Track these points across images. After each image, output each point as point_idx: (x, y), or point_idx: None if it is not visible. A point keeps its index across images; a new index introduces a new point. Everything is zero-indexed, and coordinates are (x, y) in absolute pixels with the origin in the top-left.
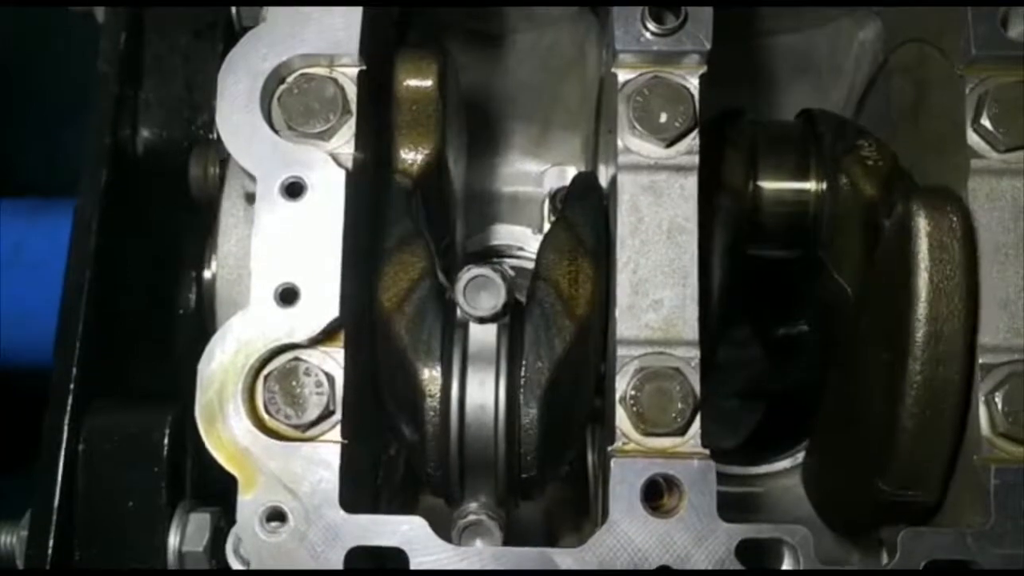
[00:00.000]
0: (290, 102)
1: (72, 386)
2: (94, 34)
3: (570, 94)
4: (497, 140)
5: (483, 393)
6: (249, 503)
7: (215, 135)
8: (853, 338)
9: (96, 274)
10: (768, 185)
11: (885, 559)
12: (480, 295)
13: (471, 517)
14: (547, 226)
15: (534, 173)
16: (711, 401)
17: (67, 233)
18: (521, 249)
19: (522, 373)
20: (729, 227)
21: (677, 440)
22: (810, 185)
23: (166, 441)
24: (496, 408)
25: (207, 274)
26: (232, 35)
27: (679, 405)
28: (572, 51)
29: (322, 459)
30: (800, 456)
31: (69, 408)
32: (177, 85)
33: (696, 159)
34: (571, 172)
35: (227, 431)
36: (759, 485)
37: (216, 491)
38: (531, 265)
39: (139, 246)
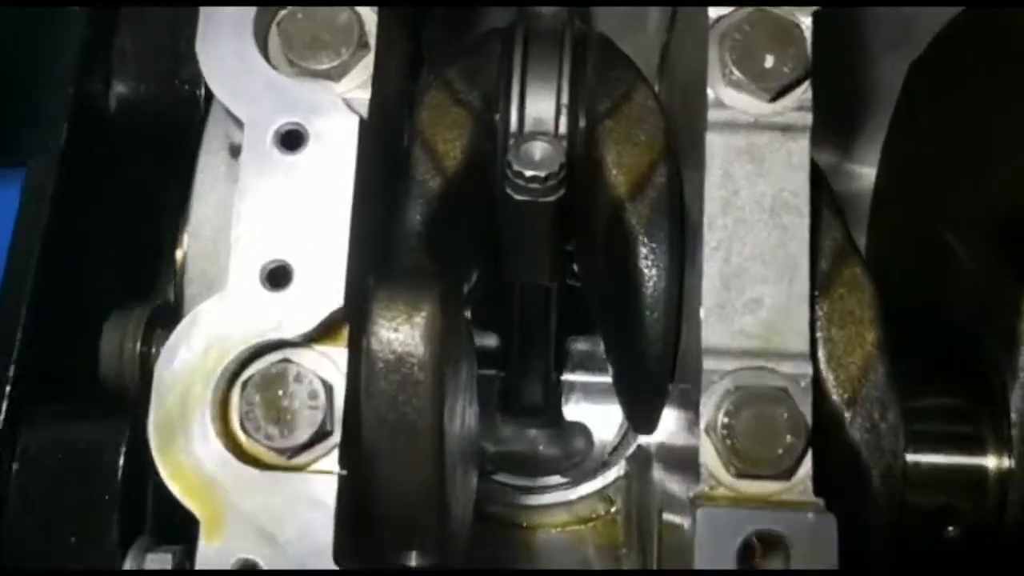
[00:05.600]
0: (292, 29)
1: (8, 388)
2: None
3: None
4: None
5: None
6: (214, 554)
7: (203, 91)
8: None
9: (47, 250)
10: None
11: None
12: None
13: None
14: None
15: None
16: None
17: (15, 203)
18: None
19: None
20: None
21: (782, 484)
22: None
23: (121, 461)
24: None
25: (177, 248)
26: None
27: (787, 438)
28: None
29: (313, 495)
30: None
31: (2, 416)
32: (160, 32)
33: (809, 117)
34: None
35: (189, 454)
36: None
37: (182, 524)
38: None
39: (105, 219)
